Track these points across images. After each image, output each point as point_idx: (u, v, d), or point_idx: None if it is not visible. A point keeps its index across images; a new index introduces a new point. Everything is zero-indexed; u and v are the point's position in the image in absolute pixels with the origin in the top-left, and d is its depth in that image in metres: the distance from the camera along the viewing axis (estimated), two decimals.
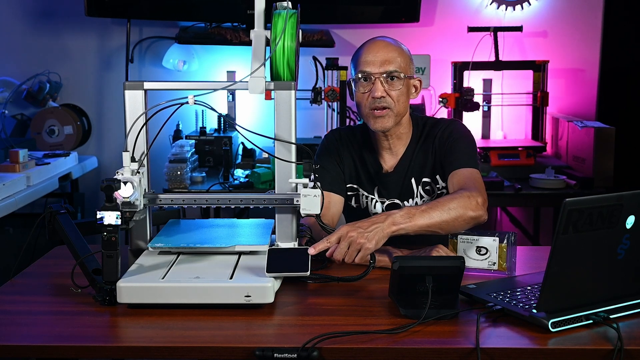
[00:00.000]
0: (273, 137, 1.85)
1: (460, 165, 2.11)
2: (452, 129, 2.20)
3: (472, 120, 3.77)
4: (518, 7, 3.94)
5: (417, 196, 2.21)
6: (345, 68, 3.65)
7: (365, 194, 2.24)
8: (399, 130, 2.19)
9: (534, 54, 3.96)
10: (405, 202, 2.21)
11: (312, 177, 2.00)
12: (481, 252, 1.90)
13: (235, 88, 1.82)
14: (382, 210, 2.22)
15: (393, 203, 2.22)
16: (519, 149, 3.63)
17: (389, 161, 2.24)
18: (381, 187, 2.23)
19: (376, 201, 2.23)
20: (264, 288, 1.65)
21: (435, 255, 1.90)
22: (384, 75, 2.11)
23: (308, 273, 1.74)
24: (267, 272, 1.71)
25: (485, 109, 3.83)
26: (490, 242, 1.90)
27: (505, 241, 1.88)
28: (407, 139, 2.23)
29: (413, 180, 2.21)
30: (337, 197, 2.20)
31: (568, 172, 3.51)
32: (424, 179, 2.21)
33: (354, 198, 2.25)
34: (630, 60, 4.03)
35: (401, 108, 2.14)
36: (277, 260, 1.74)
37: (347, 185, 2.25)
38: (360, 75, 2.13)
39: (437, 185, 2.20)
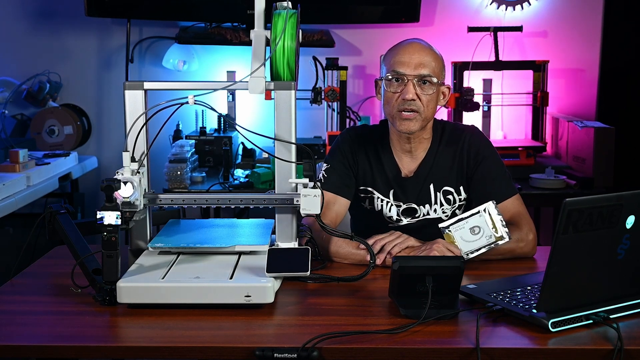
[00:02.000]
0: (273, 137, 1.85)
1: (502, 196, 2.12)
2: (479, 144, 2.20)
3: (472, 120, 3.76)
4: (518, 7, 3.94)
5: (436, 203, 2.20)
6: (346, 68, 3.66)
7: (381, 197, 2.21)
8: (423, 134, 2.18)
9: (534, 54, 3.95)
10: (422, 207, 2.20)
11: (321, 174, 2.03)
12: (476, 232, 1.93)
13: (235, 88, 1.83)
14: (397, 214, 2.21)
15: (410, 207, 2.21)
16: (519, 149, 3.63)
17: (409, 165, 2.21)
18: (399, 190, 2.21)
19: (391, 204, 2.22)
20: (264, 288, 1.65)
21: (436, 251, 1.91)
22: (417, 78, 2.09)
23: (308, 273, 1.74)
24: (267, 272, 1.71)
25: (485, 109, 3.83)
26: (478, 219, 1.94)
27: (487, 212, 1.93)
28: (428, 143, 2.21)
29: (431, 186, 2.20)
30: (343, 200, 2.18)
31: (568, 172, 3.51)
32: (446, 188, 2.20)
33: (367, 200, 2.23)
34: (630, 60, 4.03)
35: (429, 113, 2.12)
36: (277, 260, 1.74)
37: (361, 187, 2.23)
38: (391, 76, 2.11)
39: (460, 197, 2.20)
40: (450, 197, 2.19)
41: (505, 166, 2.22)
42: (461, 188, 2.20)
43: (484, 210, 1.93)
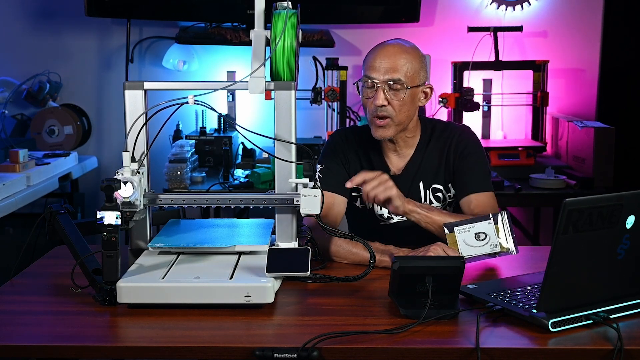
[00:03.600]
0: (273, 137, 1.85)
1: (476, 188, 2.13)
2: (467, 142, 2.20)
3: (472, 120, 3.76)
4: (518, 7, 3.94)
5: (425, 200, 2.20)
6: (346, 68, 3.66)
7: None
8: (405, 135, 2.19)
9: (534, 54, 3.95)
10: None
11: (316, 176, 2.02)
12: (480, 238, 1.92)
13: (235, 88, 1.83)
14: (388, 212, 2.21)
15: None
16: (519, 149, 3.63)
17: (397, 163, 2.23)
18: None
19: None
20: (264, 288, 1.65)
21: (432, 252, 1.90)
22: (387, 83, 2.09)
23: (308, 273, 1.74)
24: (267, 272, 1.71)
25: (485, 109, 3.83)
26: (486, 226, 1.92)
27: (498, 221, 1.91)
28: (415, 141, 2.22)
29: (421, 184, 2.20)
30: (341, 198, 2.19)
31: (568, 172, 3.51)
32: (435, 185, 2.20)
33: (359, 199, 2.24)
34: (630, 60, 4.03)
35: (403, 117, 2.12)
36: (277, 260, 1.74)
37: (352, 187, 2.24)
38: (363, 81, 2.13)
39: (449, 194, 2.20)
40: (439, 194, 2.20)
41: (489, 166, 2.23)
42: (450, 185, 2.20)
43: (495, 218, 1.92)
